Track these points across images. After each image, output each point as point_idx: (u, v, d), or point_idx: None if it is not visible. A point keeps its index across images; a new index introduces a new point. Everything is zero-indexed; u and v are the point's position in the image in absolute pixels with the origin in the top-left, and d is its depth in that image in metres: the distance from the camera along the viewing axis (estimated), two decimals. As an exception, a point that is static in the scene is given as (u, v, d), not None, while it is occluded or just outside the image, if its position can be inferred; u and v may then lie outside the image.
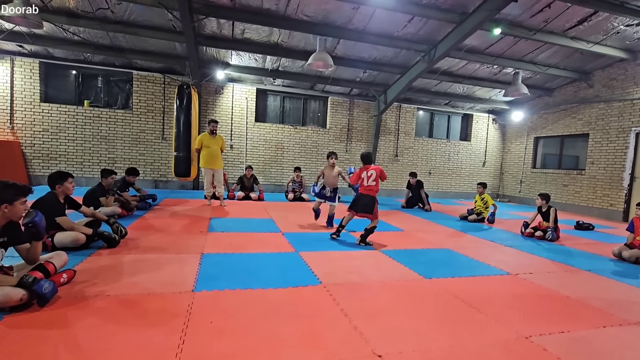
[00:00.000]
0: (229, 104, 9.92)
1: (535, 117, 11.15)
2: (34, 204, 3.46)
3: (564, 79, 9.70)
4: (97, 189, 5.24)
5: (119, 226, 4.09)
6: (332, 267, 3.57)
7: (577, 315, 2.77)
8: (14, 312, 2.22)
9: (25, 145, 8.54)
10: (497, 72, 9.39)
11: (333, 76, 9.54)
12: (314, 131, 10.70)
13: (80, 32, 7.48)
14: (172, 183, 9.60)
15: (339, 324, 2.36)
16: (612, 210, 8.76)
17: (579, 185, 9.63)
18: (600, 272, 4.04)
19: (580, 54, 8.20)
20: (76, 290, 2.64)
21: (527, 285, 3.42)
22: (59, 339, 1.98)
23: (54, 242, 3.50)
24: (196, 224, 5.31)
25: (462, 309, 2.75)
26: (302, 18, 6.97)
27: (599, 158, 9.14)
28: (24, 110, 8.47)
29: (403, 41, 7.69)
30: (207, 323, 2.25)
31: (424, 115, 12.06)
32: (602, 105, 9.10)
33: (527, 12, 6.56)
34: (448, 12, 6.53)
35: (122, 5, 6.61)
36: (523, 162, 11.61)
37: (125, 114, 9.17)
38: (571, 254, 4.90)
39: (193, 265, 3.38)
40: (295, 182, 9.10)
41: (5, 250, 2.52)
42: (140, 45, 8.13)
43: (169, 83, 9.31)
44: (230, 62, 8.98)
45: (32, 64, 8.42)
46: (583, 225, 7.09)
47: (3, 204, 2.38)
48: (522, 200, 11.52)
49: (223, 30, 7.57)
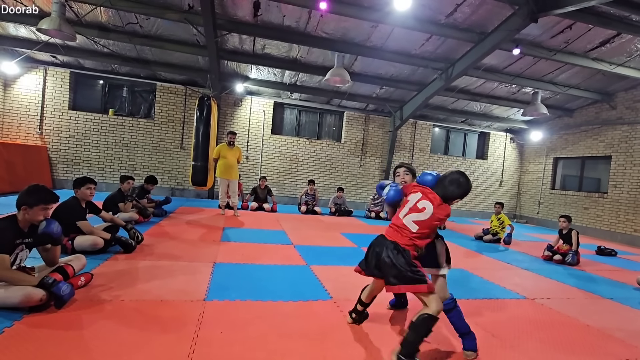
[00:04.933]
0: (246, 116, 10.13)
1: (554, 138, 10.93)
2: (57, 207, 3.58)
3: (585, 99, 9.52)
4: (116, 194, 5.39)
5: (136, 232, 4.19)
6: (343, 282, 3.54)
7: (597, 345, 2.65)
8: (33, 312, 2.29)
9: (52, 150, 8.90)
10: (516, 91, 9.30)
11: (350, 91, 9.65)
12: (329, 145, 10.77)
13: (109, 45, 7.85)
14: (188, 191, 9.79)
15: (350, 341, 2.33)
16: (636, 236, 8.40)
17: (601, 209, 9.30)
18: (624, 300, 3.86)
19: (603, 75, 8.05)
20: (92, 293, 2.71)
21: (544, 311, 3.30)
22: (73, 341, 2.03)
23: (74, 245, 3.61)
24: (210, 233, 5.38)
25: (475, 332, 2.67)
26: (322, 35, 7.14)
27: (622, 181, 8.84)
28: (53, 117, 8.87)
29: (420, 59, 7.75)
30: (218, 333, 2.26)
31: (440, 132, 12.00)
32: (625, 127, 8.86)
33: (548, 33, 6.53)
34: (466, 31, 6.57)
35: (150, 20, 6.94)
36: (542, 183, 11.33)
37: (147, 123, 9.48)
38: (592, 280, 4.70)
39: (205, 274, 3.42)
40: (309, 195, 9.13)
41: (30, 251, 2.61)
42: (164, 58, 8.47)
43: (190, 94, 9.61)
44: (249, 75, 9.22)
45: (64, 74, 8.86)
46: (605, 251, 6.81)
47: (23, 206, 2.45)
48: (540, 222, 11.19)
49: (244, 46, 7.81)
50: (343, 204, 9.25)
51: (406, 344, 1.97)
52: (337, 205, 9.15)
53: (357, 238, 6.03)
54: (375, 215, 8.94)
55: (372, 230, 7.15)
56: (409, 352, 1.95)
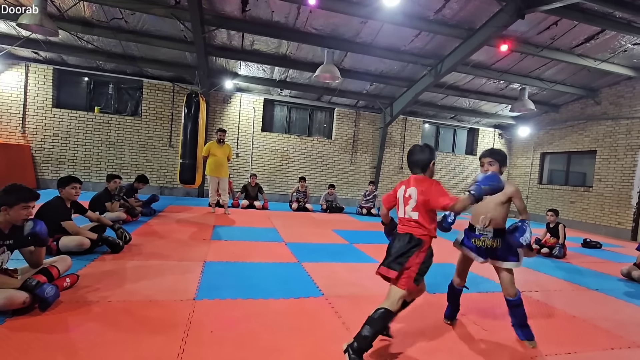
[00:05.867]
0: (236, 113, 10.03)
1: (541, 133, 11.11)
2: (41, 207, 3.49)
3: (571, 95, 9.69)
4: (102, 194, 5.29)
5: (124, 232, 4.11)
6: (334, 279, 3.54)
7: (584, 336, 2.71)
8: (16, 315, 2.23)
9: (36, 149, 8.67)
10: (504, 87, 9.41)
11: (340, 88, 9.63)
12: (319, 142, 10.75)
13: (94, 41, 7.67)
14: (177, 190, 9.66)
15: (340, 337, 2.33)
16: (620, 229, 8.62)
17: (586, 203, 9.51)
18: (609, 291, 3.95)
19: (588, 72, 8.20)
20: (78, 295, 2.65)
21: (532, 303, 3.35)
22: (58, 344, 1.98)
23: (59, 246, 3.52)
24: (200, 231, 5.32)
25: (465, 325, 2.70)
26: (311, 31, 7.09)
27: (606, 175, 9.04)
28: (36, 115, 8.63)
29: (410, 55, 7.77)
30: (208, 332, 2.23)
31: (430, 128, 12.08)
32: (609, 122, 9.05)
33: (534, 29, 6.61)
34: (455, 27, 6.60)
35: (136, 15, 6.79)
36: (529, 178, 11.52)
37: (134, 121, 9.31)
38: (579, 272, 4.81)
39: (195, 273, 3.38)
40: (300, 192, 9.11)
41: (11, 252, 2.54)
42: (151, 54, 8.31)
43: (178, 91, 9.46)
44: (238, 72, 9.12)
45: (46, 70, 8.62)
46: (590, 243, 6.97)
47: (3, 207, 2.37)
48: (528, 216, 11.37)
49: (233, 42, 7.71)
50: (334, 201, 9.25)
51: (360, 338, 1.93)
52: (329, 202, 9.15)
53: (348, 234, 6.04)
54: (366, 212, 8.97)
55: (364, 226, 7.18)
56: (360, 348, 1.92)
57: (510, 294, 2.41)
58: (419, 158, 2.19)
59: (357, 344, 1.92)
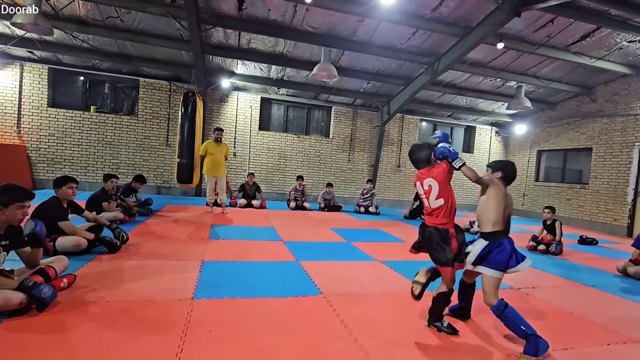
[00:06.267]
0: (233, 112, 10.00)
1: (538, 131, 11.16)
2: (37, 208, 3.47)
3: (567, 93, 9.73)
4: (99, 193, 5.26)
5: (121, 231, 4.10)
6: (333, 277, 3.55)
7: (580, 331, 2.73)
8: (13, 316, 2.22)
9: (31, 149, 8.61)
10: (500, 85, 9.44)
11: (337, 86, 9.62)
12: (317, 140, 10.74)
13: (89, 40, 7.60)
14: (174, 189, 9.63)
15: (339, 335, 2.34)
16: (615, 225, 8.69)
17: (583, 200, 9.57)
18: (605, 287, 3.98)
19: (583, 69, 8.24)
20: (76, 295, 2.64)
21: (529, 300, 3.38)
22: (56, 344, 1.98)
23: (56, 246, 3.51)
24: (198, 230, 5.31)
25: (463, 322, 2.72)
26: (308, 29, 7.07)
27: (602, 172, 9.10)
28: (31, 115, 8.56)
29: (407, 53, 7.77)
30: (206, 332, 2.23)
31: (427, 126, 12.10)
32: (605, 119, 9.11)
33: (530, 27, 6.62)
34: (452, 25, 6.60)
35: (132, 14, 6.74)
36: (526, 175, 11.57)
37: (131, 120, 9.26)
38: (575, 268, 4.84)
39: (193, 272, 3.37)
40: (298, 191, 9.11)
41: (7, 253, 2.52)
42: (147, 53, 8.26)
43: (175, 90, 9.41)
44: (235, 71, 9.09)
45: (41, 70, 8.55)
46: (587, 240, 7.01)
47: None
48: (525, 213, 11.45)
49: (229, 40, 7.68)
50: (332, 199, 9.26)
51: (432, 313, 2.54)
52: (326, 200, 9.15)
53: (346, 233, 6.05)
54: (364, 210, 8.98)
55: (362, 225, 7.19)
56: (435, 318, 2.52)
57: (486, 301, 2.38)
58: (421, 155, 2.56)
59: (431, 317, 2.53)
